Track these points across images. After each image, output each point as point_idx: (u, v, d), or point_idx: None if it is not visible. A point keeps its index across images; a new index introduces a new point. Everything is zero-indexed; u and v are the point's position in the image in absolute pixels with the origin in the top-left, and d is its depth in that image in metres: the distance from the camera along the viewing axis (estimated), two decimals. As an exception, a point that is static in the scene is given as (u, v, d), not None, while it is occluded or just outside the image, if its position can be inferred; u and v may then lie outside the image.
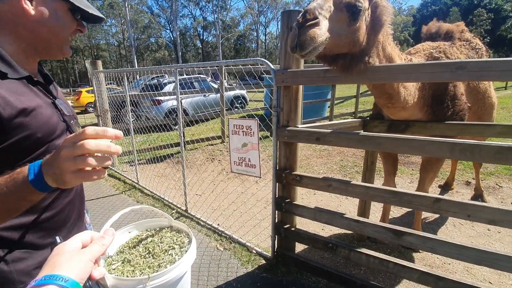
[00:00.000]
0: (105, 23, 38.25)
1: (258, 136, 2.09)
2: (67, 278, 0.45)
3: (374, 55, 1.55)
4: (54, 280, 0.44)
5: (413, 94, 1.93)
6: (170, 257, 0.77)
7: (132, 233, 0.90)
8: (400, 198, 1.59)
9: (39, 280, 0.44)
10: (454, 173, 3.84)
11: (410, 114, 2.07)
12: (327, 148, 5.68)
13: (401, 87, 1.78)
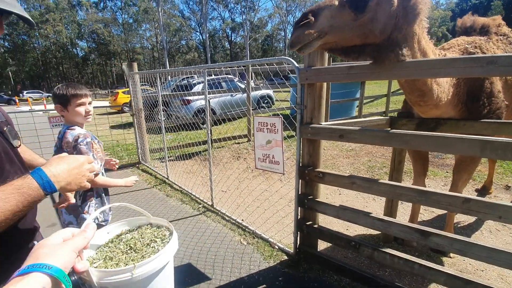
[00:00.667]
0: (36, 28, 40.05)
1: (282, 133, 2.13)
2: (51, 266, 0.46)
3: (408, 46, 1.47)
4: (38, 268, 0.44)
5: (447, 91, 1.85)
6: (153, 249, 0.78)
7: (110, 233, 0.89)
8: (427, 198, 1.54)
9: (23, 269, 0.44)
10: (492, 176, 3.58)
11: (443, 112, 1.99)
12: (354, 148, 5.54)
13: (434, 83, 1.71)
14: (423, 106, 1.86)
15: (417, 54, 1.58)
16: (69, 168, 0.72)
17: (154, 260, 0.70)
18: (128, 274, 0.65)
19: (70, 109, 1.64)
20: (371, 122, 2.21)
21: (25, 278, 0.42)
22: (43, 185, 0.65)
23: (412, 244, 2.47)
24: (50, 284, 0.44)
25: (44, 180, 0.65)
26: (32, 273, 0.43)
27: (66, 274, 0.47)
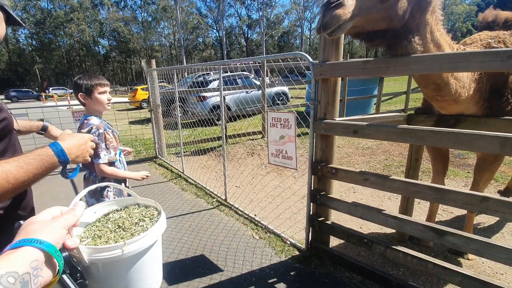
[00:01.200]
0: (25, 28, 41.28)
1: (295, 128, 2.13)
2: (42, 241, 0.46)
3: (419, 35, 1.47)
4: (29, 242, 0.45)
5: (467, 86, 1.78)
6: (142, 227, 0.79)
7: (97, 213, 0.90)
8: (443, 196, 1.50)
9: (14, 244, 0.45)
10: (517, 177, 3.41)
11: (464, 108, 1.92)
12: (370, 146, 5.44)
13: (451, 77, 1.66)
14: (440, 102, 1.81)
15: (430, 45, 1.55)
16: (78, 144, 0.85)
17: (144, 238, 0.70)
18: (118, 250, 0.65)
19: (93, 97, 1.73)
20: (387, 119, 2.17)
21: (16, 251, 0.43)
22: (58, 154, 0.77)
23: (428, 244, 2.41)
24: (42, 258, 0.45)
25: (59, 149, 0.78)
26: (24, 247, 0.44)
27: (57, 250, 0.48)
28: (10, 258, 0.41)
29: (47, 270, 0.46)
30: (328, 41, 1.82)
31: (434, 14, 1.51)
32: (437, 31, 1.57)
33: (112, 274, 0.68)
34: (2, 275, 0.38)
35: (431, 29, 1.52)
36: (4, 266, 0.39)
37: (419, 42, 1.47)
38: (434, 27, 1.54)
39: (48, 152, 0.76)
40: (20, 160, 0.69)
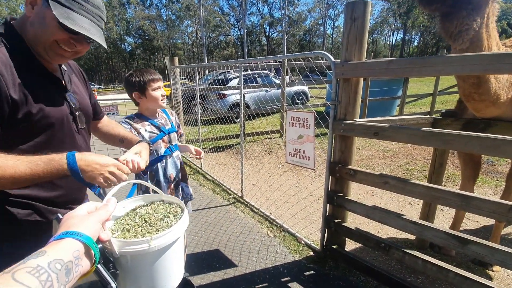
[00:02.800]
0: (104, 50, 42.54)
1: (314, 128, 2.11)
2: (82, 233, 0.51)
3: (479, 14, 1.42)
4: (71, 234, 0.50)
5: (506, 89, 1.68)
6: (167, 224, 0.83)
7: (126, 208, 0.94)
8: (468, 203, 1.44)
9: (58, 235, 0.50)
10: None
11: (502, 112, 1.80)
12: (392, 149, 5.27)
13: (492, 76, 1.57)
14: (477, 102, 1.70)
15: (483, 29, 1.47)
16: (94, 161, 0.85)
17: (168, 234, 0.74)
18: (145, 245, 0.69)
19: (148, 95, 1.63)
20: (411, 121, 2.10)
21: (61, 242, 0.48)
22: (69, 161, 0.81)
23: (450, 253, 2.31)
24: (82, 249, 0.50)
25: (72, 159, 0.82)
26: (67, 239, 0.49)
27: (94, 242, 0.54)
28: (56, 248, 0.47)
29: (86, 260, 0.51)
30: (351, 40, 1.78)
31: (494, 3, 1.47)
32: (491, 21, 1.51)
33: (139, 266, 0.72)
34: (50, 261, 0.43)
35: (488, 14, 1.46)
36: (52, 254, 0.45)
37: (476, 19, 1.41)
38: (491, 15, 1.49)
39: (62, 158, 0.81)
40: (31, 160, 0.77)
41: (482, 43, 1.47)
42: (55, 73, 0.97)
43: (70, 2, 0.82)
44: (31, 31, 0.85)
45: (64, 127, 0.96)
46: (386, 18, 49.85)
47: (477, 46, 1.47)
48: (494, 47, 1.56)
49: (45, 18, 0.82)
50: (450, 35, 1.47)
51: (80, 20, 0.84)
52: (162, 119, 1.78)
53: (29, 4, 0.84)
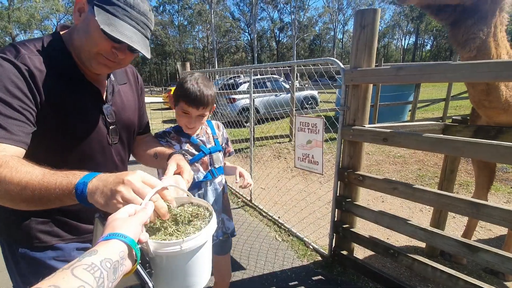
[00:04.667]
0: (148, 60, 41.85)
1: (323, 134, 2.14)
2: (126, 235, 0.54)
3: (486, 23, 1.46)
4: (117, 236, 0.53)
5: None
6: (196, 227, 0.85)
7: None
8: (478, 210, 1.43)
9: (105, 237, 0.53)
10: None
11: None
12: (403, 155, 5.20)
13: (502, 83, 1.58)
14: (488, 109, 1.70)
15: (491, 38, 1.51)
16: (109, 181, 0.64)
17: (198, 237, 0.77)
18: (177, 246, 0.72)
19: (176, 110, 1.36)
20: (421, 127, 2.09)
21: (109, 243, 0.52)
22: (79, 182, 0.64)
23: (461, 261, 2.27)
24: (126, 250, 0.54)
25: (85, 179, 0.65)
26: (113, 240, 0.53)
27: (136, 243, 0.57)
28: (105, 248, 0.51)
29: (129, 260, 0.55)
30: (360, 47, 1.81)
31: (502, 13, 1.50)
32: (500, 31, 1.54)
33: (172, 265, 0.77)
34: (102, 260, 0.48)
35: (495, 23, 1.50)
36: (102, 253, 0.49)
37: (483, 28, 1.45)
38: (499, 24, 1.52)
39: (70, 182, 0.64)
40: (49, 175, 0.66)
41: (490, 52, 1.49)
42: (95, 83, 0.91)
43: (115, 8, 0.78)
44: (77, 39, 0.83)
45: (92, 141, 0.91)
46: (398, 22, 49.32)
47: (485, 54, 1.49)
48: (504, 56, 1.56)
49: (89, 26, 0.79)
50: (458, 43, 1.51)
51: (123, 27, 0.78)
52: (204, 136, 1.44)
53: (77, 11, 0.81)
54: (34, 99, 0.76)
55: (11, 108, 0.71)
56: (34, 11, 28.71)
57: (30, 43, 0.81)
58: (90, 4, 0.78)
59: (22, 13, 27.65)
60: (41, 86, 0.77)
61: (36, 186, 0.64)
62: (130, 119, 1.05)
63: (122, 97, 1.02)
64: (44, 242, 0.88)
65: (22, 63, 0.75)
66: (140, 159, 1.17)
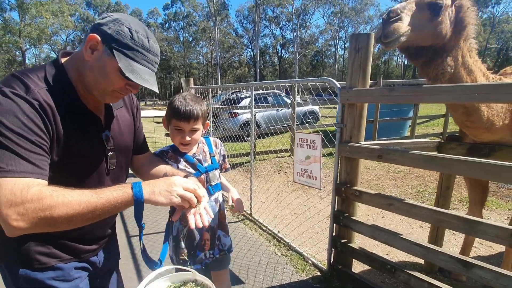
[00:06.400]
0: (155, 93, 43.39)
1: (321, 150, 2.20)
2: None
3: (452, 57, 1.60)
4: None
5: (502, 115, 1.75)
6: None
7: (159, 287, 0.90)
8: (472, 227, 1.47)
9: None
10: None
11: (500, 137, 1.86)
12: (403, 170, 5.23)
13: (482, 104, 1.66)
14: (471, 128, 1.78)
15: (460, 68, 1.63)
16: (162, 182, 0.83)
17: None
18: None
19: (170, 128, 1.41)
20: (416, 144, 2.16)
21: None
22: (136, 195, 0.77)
23: (461, 278, 2.28)
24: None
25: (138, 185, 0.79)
26: None
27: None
28: None
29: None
30: (355, 69, 1.91)
31: (468, 41, 1.63)
32: (469, 57, 1.65)
33: None
34: None
35: (462, 53, 1.63)
36: None
37: (450, 63, 1.59)
38: (466, 53, 1.64)
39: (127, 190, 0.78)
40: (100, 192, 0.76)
41: (462, 80, 1.62)
42: (95, 112, 0.94)
43: (134, 53, 0.82)
44: (90, 76, 0.85)
45: (91, 168, 0.94)
46: (397, 39, 50.13)
47: None
48: (481, 78, 1.66)
49: (107, 67, 0.82)
50: (429, 78, 1.64)
51: (142, 71, 0.84)
52: (201, 154, 1.48)
53: (89, 48, 0.82)
54: (48, 132, 0.79)
55: (33, 143, 0.74)
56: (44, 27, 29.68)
57: (33, 74, 0.82)
58: (105, 44, 0.81)
59: (32, 29, 28.58)
60: (52, 120, 0.79)
61: (97, 204, 0.73)
62: (126, 143, 1.08)
63: (119, 122, 1.04)
64: (44, 264, 0.90)
65: (34, 99, 0.76)
66: (143, 178, 1.19)
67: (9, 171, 0.69)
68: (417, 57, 1.66)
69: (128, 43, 0.81)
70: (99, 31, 0.81)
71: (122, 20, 0.82)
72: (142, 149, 1.21)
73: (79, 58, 0.86)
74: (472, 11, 1.59)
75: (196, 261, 1.46)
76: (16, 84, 0.76)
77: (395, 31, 1.45)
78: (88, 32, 0.84)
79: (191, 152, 1.44)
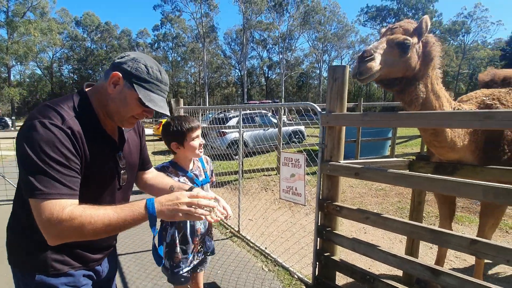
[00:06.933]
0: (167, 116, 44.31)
1: (305, 168, 2.38)
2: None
3: (423, 84, 1.84)
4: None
5: (462, 137, 1.99)
6: None
7: None
8: (437, 237, 1.65)
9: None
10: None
11: (461, 156, 2.10)
12: (384, 188, 5.48)
13: None
14: (438, 148, 2.01)
15: (430, 93, 1.87)
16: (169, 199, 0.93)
17: None
18: None
19: (186, 145, 1.59)
20: (389, 163, 2.37)
21: None
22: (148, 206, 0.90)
23: (435, 286, 2.43)
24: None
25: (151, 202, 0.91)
26: None
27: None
28: None
29: None
30: (333, 96, 2.13)
31: (435, 71, 1.88)
32: (436, 84, 1.91)
33: None
34: None
35: (431, 81, 1.87)
36: None
37: (422, 89, 1.83)
38: (434, 81, 1.89)
39: (141, 203, 0.91)
40: (120, 209, 0.89)
41: (432, 104, 1.87)
42: (112, 135, 1.08)
43: (150, 85, 0.98)
44: (112, 105, 1.00)
45: (106, 184, 1.07)
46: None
47: (428, 108, 1.85)
48: (445, 103, 1.91)
49: (127, 98, 0.98)
50: (404, 103, 1.88)
51: (157, 100, 1.00)
52: (196, 170, 1.72)
53: (112, 84, 0.97)
54: (79, 155, 0.92)
55: (68, 168, 0.88)
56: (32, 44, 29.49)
57: (64, 104, 0.95)
58: (126, 80, 0.97)
59: (20, 46, 28.33)
60: (81, 144, 0.93)
61: (118, 221, 0.87)
62: (135, 161, 1.22)
63: (129, 143, 1.17)
64: (58, 270, 1.00)
65: (68, 127, 0.89)
66: (151, 192, 1.33)
67: (48, 193, 0.82)
68: (391, 87, 1.90)
69: (145, 77, 0.98)
70: (120, 69, 0.97)
71: (139, 59, 0.99)
72: (147, 166, 1.36)
73: (102, 90, 1.01)
74: (437, 46, 1.85)
75: (188, 263, 1.67)
76: (52, 114, 0.89)
77: (368, 70, 1.67)
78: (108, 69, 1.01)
79: (189, 167, 1.69)
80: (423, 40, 1.81)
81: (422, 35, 1.76)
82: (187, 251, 1.66)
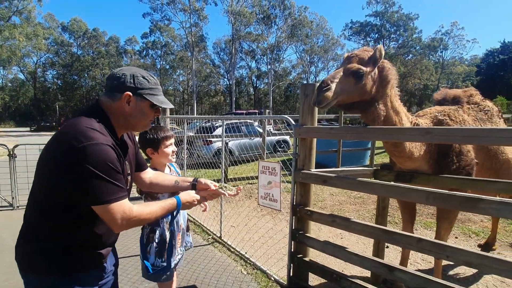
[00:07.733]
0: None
1: (280, 176, 2.58)
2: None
3: (382, 103, 2.05)
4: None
5: (418, 147, 2.26)
6: None
7: None
8: (390, 237, 1.87)
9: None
10: (495, 232, 3.66)
11: (418, 165, 2.36)
12: (362, 196, 5.75)
13: None
14: (398, 157, 2.26)
15: (390, 110, 2.10)
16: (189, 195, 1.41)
17: None
18: None
19: (160, 151, 1.85)
20: (356, 172, 2.61)
21: None
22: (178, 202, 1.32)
23: (400, 286, 2.65)
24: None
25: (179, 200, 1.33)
26: None
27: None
28: None
29: None
30: (305, 110, 2.37)
31: (393, 90, 2.11)
32: (396, 101, 2.14)
33: None
34: None
35: (391, 99, 2.09)
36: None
37: (382, 108, 2.04)
38: (393, 98, 2.12)
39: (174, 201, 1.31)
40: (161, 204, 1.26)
41: (392, 120, 2.10)
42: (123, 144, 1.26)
43: (154, 90, 1.20)
44: (132, 120, 1.20)
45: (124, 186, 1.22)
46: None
47: (389, 123, 2.08)
48: (404, 118, 2.16)
49: (144, 108, 1.19)
50: (368, 120, 2.09)
51: (163, 99, 1.24)
52: (173, 173, 2.00)
53: (126, 102, 1.15)
54: None
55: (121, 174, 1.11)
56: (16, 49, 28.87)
57: (94, 123, 1.09)
58: (135, 95, 1.16)
59: (3, 50, 27.68)
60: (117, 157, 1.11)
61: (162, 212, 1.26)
62: (133, 165, 1.40)
63: (128, 150, 1.31)
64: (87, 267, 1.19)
65: (111, 144, 1.09)
66: (158, 189, 1.63)
67: (117, 197, 1.08)
68: (351, 110, 2.13)
69: (148, 86, 1.20)
70: (126, 88, 1.16)
71: (135, 73, 1.19)
72: (144, 167, 1.57)
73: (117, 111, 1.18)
74: (392, 70, 2.08)
75: (175, 258, 1.90)
76: (96, 135, 1.05)
77: (325, 99, 1.84)
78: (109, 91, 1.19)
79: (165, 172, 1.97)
80: (380, 66, 2.02)
81: (377, 62, 1.98)
82: (175, 246, 1.90)
